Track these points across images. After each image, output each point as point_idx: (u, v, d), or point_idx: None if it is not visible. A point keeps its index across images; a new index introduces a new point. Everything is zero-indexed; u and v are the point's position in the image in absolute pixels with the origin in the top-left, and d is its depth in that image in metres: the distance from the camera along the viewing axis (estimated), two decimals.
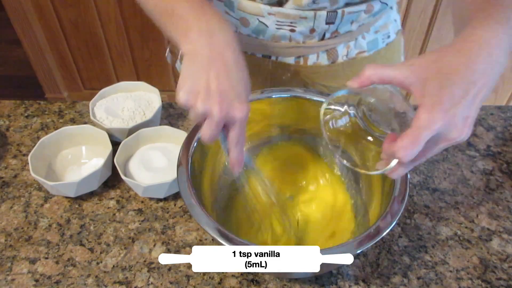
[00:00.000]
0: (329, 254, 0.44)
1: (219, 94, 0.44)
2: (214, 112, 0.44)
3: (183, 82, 0.45)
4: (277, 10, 0.63)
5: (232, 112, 0.45)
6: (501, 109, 0.80)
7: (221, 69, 0.45)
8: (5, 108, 0.79)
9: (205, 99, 0.44)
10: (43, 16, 1.74)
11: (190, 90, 0.45)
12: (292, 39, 0.67)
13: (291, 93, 0.61)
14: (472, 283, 0.54)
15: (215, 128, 0.46)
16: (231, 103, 0.45)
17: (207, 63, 0.45)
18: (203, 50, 0.46)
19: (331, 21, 0.64)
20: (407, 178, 0.50)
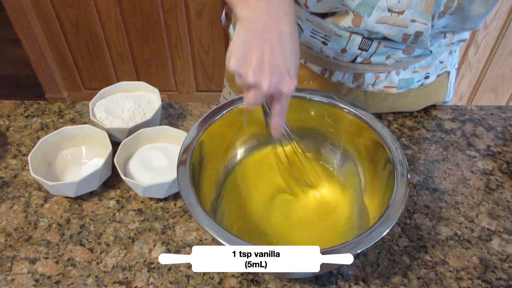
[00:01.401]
0: (329, 254, 0.44)
1: (270, 67, 0.44)
2: (263, 85, 0.44)
3: (236, 48, 0.44)
4: (315, 19, 0.62)
5: (281, 86, 0.45)
6: (501, 109, 0.80)
7: (275, 39, 0.44)
8: (5, 108, 0.79)
9: (256, 70, 0.44)
10: (43, 16, 1.74)
11: (243, 58, 0.44)
12: (323, 51, 0.66)
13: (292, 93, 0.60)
14: (472, 283, 0.54)
15: (261, 98, 0.46)
16: (281, 77, 0.45)
17: (262, 32, 0.44)
18: (260, 17, 0.45)
19: (364, 48, 0.63)
20: (408, 178, 0.50)
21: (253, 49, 0.44)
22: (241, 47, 0.44)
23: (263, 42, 0.44)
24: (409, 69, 0.69)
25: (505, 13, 1.53)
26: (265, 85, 0.44)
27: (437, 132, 0.75)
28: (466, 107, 0.80)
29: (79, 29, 1.78)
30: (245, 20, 0.45)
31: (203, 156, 0.56)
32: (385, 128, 0.55)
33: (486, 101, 1.83)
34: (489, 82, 1.77)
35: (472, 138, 0.74)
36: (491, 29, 1.58)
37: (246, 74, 0.44)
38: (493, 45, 1.63)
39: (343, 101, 0.59)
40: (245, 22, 0.45)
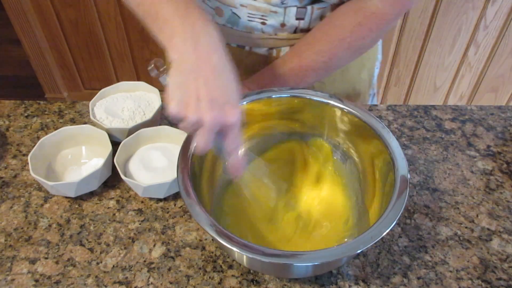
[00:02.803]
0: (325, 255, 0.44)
1: (209, 102, 0.44)
2: (205, 120, 0.44)
3: (172, 93, 0.45)
4: (248, 2, 0.63)
5: (224, 117, 0.45)
6: (501, 109, 0.80)
7: (209, 75, 0.45)
8: (5, 108, 0.79)
9: (195, 108, 0.44)
10: (43, 16, 1.74)
11: (180, 100, 0.44)
12: (264, 31, 0.68)
13: (291, 93, 0.61)
14: (472, 283, 0.54)
15: (208, 136, 0.45)
16: (222, 109, 0.44)
17: (194, 71, 0.45)
18: (190, 57, 0.45)
19: (300, 17, 0.65)
20: (407, 178, 0.50)
21: (188, 89, 0.44)
22: (177, 90, 0.45)
23: (197, 80, 0.44)
24: None
25: (505, 13, 1.53)
26: (207, 119, 0.44)
27: (437, 132, 0.75)
28: (466, 107, 0.80)
29: (79, 29, 1.78)
30: (176, 63, 0.45)
31: (203, 156, 0.56)
32: (385, 128, 0.55)
33: (486, 101, 1.83)
34: (489, 82, 1.77)
35: (472, 138, 0.74)
36: (491, 29, 1.58)
37: (186, 114, 0.44)
38: (493, 45, 1.63)
39: (343, 102, 0.59)
40: (177, 65, 0.45)
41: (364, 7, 0.62)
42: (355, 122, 0.58)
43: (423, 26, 1.58)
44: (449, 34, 1.60)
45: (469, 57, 1.68)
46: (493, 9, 1.52)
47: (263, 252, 0.43)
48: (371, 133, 0.56)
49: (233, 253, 0.51)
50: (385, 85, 1.80)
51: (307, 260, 0.44)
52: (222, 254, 0.57)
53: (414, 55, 1.68)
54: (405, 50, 1.66)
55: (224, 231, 0.45)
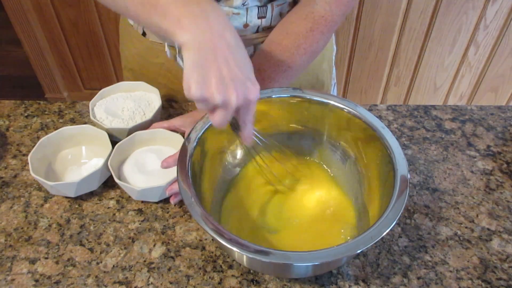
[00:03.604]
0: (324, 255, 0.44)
1: (232, 81, 0.43)
2: (232, 101, 0.43)
3: (191, 74, 0.43)
4: None
5: (248, 95, 0.45)
6: (501, 109, 0.80)
7: (227, 53, 0.44)
8: (5, 108, 0.79)
9: (220, 88, 0.43)
10: (43, 16, 1.74)
11: (202, 82, 0.43)
12: None
13: (290, 93, 0.61)
14: (472, 283, 0.54)
15: (231, 114, 0.45)
16: (245, 87, 0.44)
17: (211, 49, 0.43)
18: (205, 36, 0.43)
19: (262, 15, 0.67)
20: (407, 178, 0.50)
21: (209, 70, 0.43)
22: (196, 71, 0.43)
23: (216, 59, 0.43)
24: None
25: (505, 13, 1.53)
26: (233, 99, 0.43)
27: (437, 132, 0.75)
28: (466, 107, 0.80)
29: (79, 29, 1.78)
30: (190, 45, 0.43)
31: (203, 155, 0.56)
32: (385, 128, 0.55)
33: (486, 101, 1.83)
34: (489, 82, 1.76)
35: (472, 138, 0.74)
36: (491, 29, 1.58)
37: (211, 96, 0.43)
38: (493, 45, 1.63)
39: (343, 101, 0.59)
40: (190, 47, 0.43)
41: (312, 12, 0.64)
42: (355, 122, 0.58)
43: (423, 26, 1.58)
44: (449, 34, 1.60)
45: (469, 57, 1.68)
46: (493, 9, 1.52)
47: (263, 252, 0.43)
48: (371, 133, 0.56)
49: (233, 253, 0.51)
50: (385, 85, 1.80)
51: (307, 260, 0.44)
52: (222, 254, 0.57)
53: (414, 55, 1.68)
54: (405, 50, 1.66)
55: (224, 231, 0.45)
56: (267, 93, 0.60)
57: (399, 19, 1.56)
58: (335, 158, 0.63)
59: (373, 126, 0.56)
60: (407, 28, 1.59)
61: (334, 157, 0.63)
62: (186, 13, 0.44)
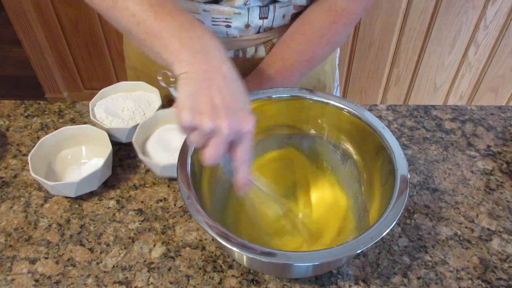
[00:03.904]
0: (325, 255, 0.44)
1: (225, 109, 0.43)
2: (223, 128, 0.42)
3: (184, 102, 0.43)
4: (211, 7, 0.64)
5: (240, 125, 0.43)
6: (501, 109, 0.80)
7: (221, 83, 0.44)
8: (5, 108, 0.79)
9: (211, 115, 0.42)
10: (43, 16, 1.73)
11: (194, 109, 0.42)
12: (229, 34, 0.69)
13: (291, 93, 0.61)
14: (472, 283, 0.54)
15: (223, 146, 0.43)
16: (238, 116, 0.43)
17: (206, 79, 0.44)
18: (201, 67, 0.44)
19: (264, 16, 0.66)
20: (407, 178, 0.50)
21: (202, 97, 0.43)
22: (189, 99, 0.43)
23: (210, 88, 0.43)
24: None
25: (505, 13, 1.53)
26: (225, 127, 0.42)
27: (437, 132, 0.75)
28: (466, 107, 0.80)
29: (79, 29, 1.78)
30: (186, 76, 0.44)
31: None
32: (385, 128, 0.55)
33: (486, 101, 1.83)
34: (489, 82, 1.77)
35: (472, 138, 0.74)
36: (491, 29, 1.58)
37: (201, 123, 0.42)
38: (493, 45, 1.63)
39: (343, 101, 0.59)
40: (187, 77, 0.44)
41: (335, 5, 0.65)
42: (355, 122, 0.58)
43: (423, 26, 1.58)
44: (449, 34, 1.60)
45: (469, 57, 1.68)
46: (493, 9, 1.52)
47: (263, 252, 0.43)
48: (371, 133, 0.56)
49: (233, 253, 0.51)
50: (385, 85, 1.80)
51: (307, 260, 0.44)
52: (222, 254, 0.57)
53: (414, 55, 1.68)
54: (405, 50, 1.66)
55: (225, 231, 0.45)
56: (267, 93, 0.60)
57: (399, 19, 1.56)
58: (335, 158, 0.63)
59: (373, 126, 0.56)
60: (407, 28, 1.59)
61: (334, 157, 0.63)
62: (187, 47, 0.45)
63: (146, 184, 0.65)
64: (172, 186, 0.65)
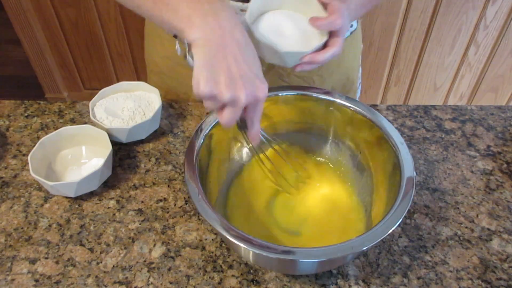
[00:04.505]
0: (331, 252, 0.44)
1: (241, 79, 0.43)
2: (241, 97, 0.43)
3: (201, 72, 0.43)
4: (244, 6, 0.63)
5: (256, 93, 0.45)
6: (501, 109, 0.80)
7: (236, 51, 0.44)
8: (5, 108, 0.79)
9: (229, 86, 0.43)
10: (43, 16, 1.73)
11: (212, 79, 0.43)
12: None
13: (297, 91, 0.61)
14: (472, 283, 0.54)
15: (239, 112, 0.45)
16: (253, 85, 0.44)
17: (221, 47, 0.44)
18: (214, 33, 0.44)
19: None
20: (413, 178, 0.50)
21: (218, 67, 0.43)
22: (205, 69, 0.43)
23: (226, 57, 0.43)
24: None
25: (505, 13, 1.53)
26: (243, 97, 0.43)
27: (437, 132, 0.75)
28: (466, 107, 0.80)
29: (79, 29, 1.78)
30: (200, 42, 0.44)
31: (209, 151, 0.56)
32: (392, 127, 0.55)
33: (486, 101, 1.83)
34: (489, 82, 1.77)
35: (472, 138, 0.74)
36: (491, 29, 1.58)
37: (220, 93, 0.43)
38: (493, 45, 1.63)
39: (350, 100, 0.59)
40: (200, 44, 0.44)
41: None
42: (361, 120, 0.58)
43: (423, 26, 1.58)
44: (449, 34, 1.60)
45: (469, 57, 1.68)
46: (493, 9, 1.52)
47: (269, 248, 0.43)
48: (378, 132, 0.56)
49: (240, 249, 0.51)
50: (385, 85, 1.80)
51: (313, 256, 0.44)
52: (222, 254, 0.57)
53: (414, 55, 1.68)
54: (405, 50, 1.66)
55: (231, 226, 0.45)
56: (273, 91, 0.61)
57: (399, 19, 1.56)
58: (340, 156, 0.63)
59: (380, 125, 0.56)
60: (407, 28, 1.59)
61: (340, 155, 0.63)
62: (196, 11, 0.44)
63: (146, 184, 0.65)
64: (172, 186, 0.65)
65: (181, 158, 0.69)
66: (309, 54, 0.55)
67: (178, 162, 0.69)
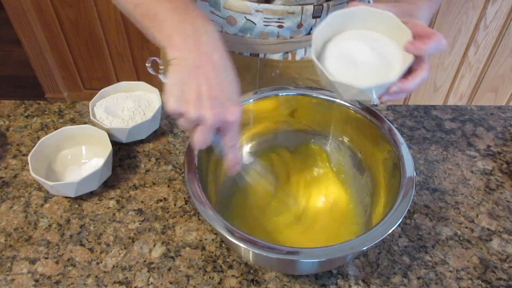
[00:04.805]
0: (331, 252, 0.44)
1: (210, 99, 0.44)
2: (207, 118, 0.43)
3: (172, 89, 0.44)
4: (264, 7, 0.63)
5: (225, 116, 0.44)
6: (501, 109, 0.80)
7: (210, 73, 0.44)
8: (5, 108, 0.79)
9: (197, 105, 0.43)
10: (43, 16, 1.73)
11: (181, 97, 0.44)
12: (280, 35, 0.68)
13: (298, 91, 0.61)
14: (472, 283, 0.54)
15: (208, 134, 0.45)
16: (223, 107, 0.44)
17: (195, 67, 0.44)
18: (191, 54, 0.45)
19: (317, 14, 0.65)
20: (413, 178, 0.50)
21: (189, 86, 0.44)
22: (176, 86, 0.44)
23: (198, 77, 0.44)
24: None
25: (505, 13, 1.53)
26: (210, 116, 0.43)
27: (437, 132, 0.75)
28: (466, 107, 0.80)
29: (79, 29, 1.78)
30: (175, 62, 0.45)
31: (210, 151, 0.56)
32: (392, 127, 0.55)
33: (486, 101, 1.83)
34: (489, 82, 1.76)
35: (472, 138, 0.74)
36: (491, 29, 1.58)
37: (187, 111, 0.43)
38: (493, 45, 1.63)
39: (350, 100, 0.59)
40: (177, 63, 0.45)
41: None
42: (361, 121, 0.58)
43: None
44: (449, 34, 1.60)
45: (469, 57, 1.68)
46: (493, 9, 1.52)
47: (270, 248, 0.43)
48: (377, 132, 0.56)
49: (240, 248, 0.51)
50: None
51: (313, 257, 0.44)
52: (222, 254, 0.57)
53: None
54: None
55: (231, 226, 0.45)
56: (274, 90, 0.61)
57: None
58: (340, 157, 0.63)
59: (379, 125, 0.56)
60: None
61: (340, 155, 0.63)
62: (178, 32, 0.45)
63: (146, 184, 0.65)
64: (172, 186, 0.65)
65: (181, 158, 0.69)
66: (396, 83, 0.48)
67: (178, 162, 0.69)
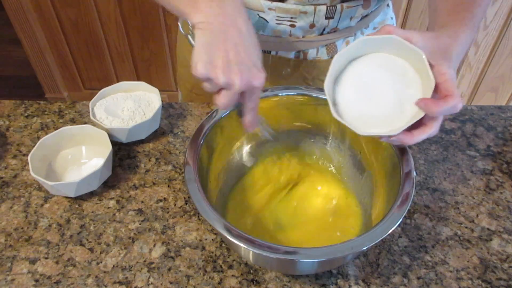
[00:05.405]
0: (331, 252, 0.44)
1: (238, 65, 0.45)
2: (236, 83, 0.45)
3: (200, 54, 0.45)
4: (277, 5, 0.63)
5: (251, 81, 0.46)
6: (501, 109, 0.80)
7: (236, 38, 0.45)
8: (5, 108, 0.79)
9: (225, 70, 0.44)
10: (43, 16, 1.73)
11: (209, 62, 0.44)
12: (292, 34, 0.68)
13: (297, 91, 0.61)
14: (472, 283, 0.54)
15: (234, 97, 0.46)
16: (250, 72, 0.46)
17: (222, 33, 0.45)
18: (216, 19, 0.45)
19: (330, 15, 0.65)
20: (413, 178, 0.50)
21: (217, 51, 0.45)
22: (204, 52, 0.45)
23: (225, 42, 0.45)
24: (369, 27, 0.72)
25: (505, 13, 1.53)
26: (237, 82, 0.45)
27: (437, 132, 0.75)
28: (466, 107, 0.80)
29: (79, 29, 1.78)
30: (202, 26, 0.46)
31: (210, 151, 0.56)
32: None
33: (486, 101, 1.83)
34: (489, 82, 1.76)
35: (472, 138, 0.74)
36: (491, 29, 1.58)
37: (216, 76, 0.45)
38: (493, 45, 1.63)
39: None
40: (202, 27, 0.46)
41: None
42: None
43: (423, 26, 1.58)
44: None
45: (469, 57, 1.68)
46: (493, 9, 1.52)
47: (270, 248, 0.43)
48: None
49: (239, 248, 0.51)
50: None
51: (313, 257, 0.44)
52: (222, 254, 0.57)
53: None
54: None
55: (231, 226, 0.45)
56: (275, 90, 0.61)
57: (399, 19, 1.56)
58: (341, 157, 0.63)
59: None
60: (407, 28, 1.59)
61: (340, 155, 0.63)
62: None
63: (146, 184, 0.65)
64: (172, 186, 0.65)
65: (181, 158, 0.69)
66: (398, 135, 0.47)
67: (178, 162, 0.69)
